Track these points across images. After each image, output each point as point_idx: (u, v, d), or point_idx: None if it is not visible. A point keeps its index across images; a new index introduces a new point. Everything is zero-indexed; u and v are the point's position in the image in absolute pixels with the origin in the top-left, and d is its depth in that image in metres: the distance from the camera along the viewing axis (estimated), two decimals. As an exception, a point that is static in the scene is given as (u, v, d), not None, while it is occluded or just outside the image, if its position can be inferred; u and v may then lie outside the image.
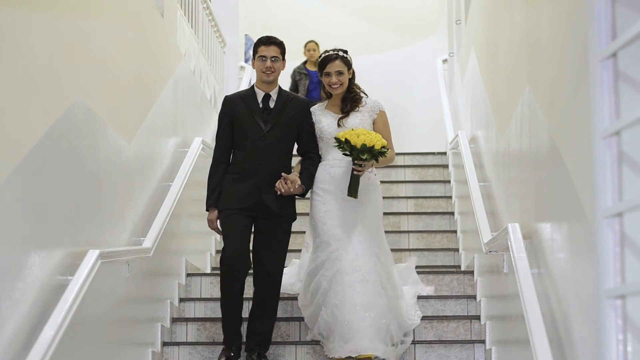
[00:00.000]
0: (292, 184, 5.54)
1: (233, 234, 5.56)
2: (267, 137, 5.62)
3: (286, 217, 5.69)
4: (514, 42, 5.13)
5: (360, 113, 5.76)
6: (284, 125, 5.66)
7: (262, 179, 5.58)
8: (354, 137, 5.39)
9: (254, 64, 5.74)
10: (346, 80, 5.75)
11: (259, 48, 5.70)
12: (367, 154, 5.40)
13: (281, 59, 5.73)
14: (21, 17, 4.04)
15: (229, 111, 5.72)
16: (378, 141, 5.42)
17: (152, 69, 6.65)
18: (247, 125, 5.64)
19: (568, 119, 3.54)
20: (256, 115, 5.65)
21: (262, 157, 5.61)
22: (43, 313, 4.10)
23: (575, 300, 3.45)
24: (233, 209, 5.59)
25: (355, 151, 5.41)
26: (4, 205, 3.75)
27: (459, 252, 7.82)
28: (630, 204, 2.43)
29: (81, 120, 4.81)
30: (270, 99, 5.70)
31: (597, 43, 2.60)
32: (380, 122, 5.79)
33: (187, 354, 6.14)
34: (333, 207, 5.67)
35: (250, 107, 5.67)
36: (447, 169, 9.34)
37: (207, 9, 9.12)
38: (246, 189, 5.58)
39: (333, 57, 5.74)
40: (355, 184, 5.55)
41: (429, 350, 5.99)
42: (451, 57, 10.41)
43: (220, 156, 5.73)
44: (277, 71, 5.70)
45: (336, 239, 5.61)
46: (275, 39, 5.77)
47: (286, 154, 5.72)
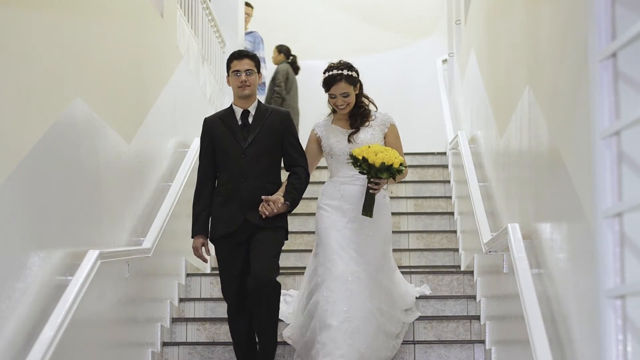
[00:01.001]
0: (275, 204, 5.29)
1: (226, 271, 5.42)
2: (246, 154, 5.39)
3: (276, 228, 5.40)
4: (514, 42, 5.13)
5: (371, 128, 5.57)
6: (264, 140, 5.42)
7: (245, 198, 5.35)
8: (372, 155, 5.20)
9: (229, 81, 5.53)
10: (353, 100, 5.57)
11: (231, 63, 5.48)
12: (385, 173, 5.22)
13: (256, 72, 5.48)
14: (21, 17, 4.04)
15: (208, 134, 5.53)
16: (396, 159, 5.24)
17: (152, 69, 6.65)
18: (227, 145, 5.43)
19: (568, 119, 3.54)
20: (235, 134, 5.44)
21: (243, 175, 5.37)
22: (43, 313, 4.10)
23: (575, 300, 3.45)
24: (222, 237, 5.41)
25: (373, 170, 5.22)
26: (4, 205, 3.75)
27: (459, 252, 7.82)
28: (630, 204, 2.43)
29: (81, 120, 4.81)
30: (249, 115, 5.49)
31: (597, 43, 2.60)
32: (391, 136, 5.60)
33: (187, 354, 6.14)
34: (340, 223, 5.46)
35: (230, 126, 5.46)
36: (447, 169, 9.35)
37: (207, 9, 9.12)
38: (231, 212, 5.37)
39: (337, 78, 5.53)
40: (371, 202, 5.35)
41: (429, 350, 5.99)
42: (451, 57, 10.41)
43: (203, 180, 5.52)
44: (253, 85, 5.46)
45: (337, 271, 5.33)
46: (247, 52, 5.55)
47: (270, 170, 5.46)
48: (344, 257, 5.37)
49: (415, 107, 12.58)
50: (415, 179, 9.30)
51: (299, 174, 5.46)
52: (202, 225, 5.44)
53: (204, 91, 8.76)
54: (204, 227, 5.44)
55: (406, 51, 13.03)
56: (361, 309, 5.30)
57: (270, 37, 12.02)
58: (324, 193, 5.60)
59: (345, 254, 5.38)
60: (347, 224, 5.46)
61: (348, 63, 5.59)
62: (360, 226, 5.45)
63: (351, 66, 5.58)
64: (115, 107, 5.55)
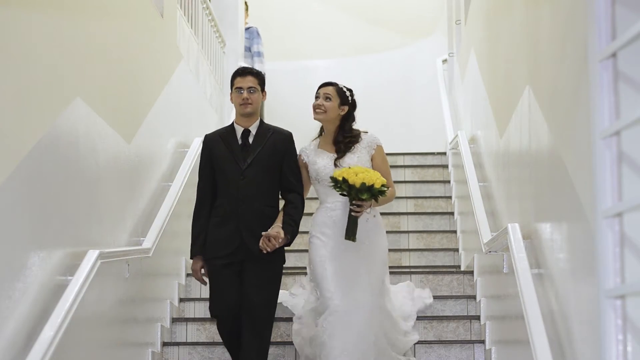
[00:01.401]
0: (276, 240, 5.12)
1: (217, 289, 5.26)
2: (245, 176, 5.24)
3: (274, 260, 5.25)
4: (514, 42, 5.13)
5: (357, 151, 5.39)
6: (264, 162, 5.27)
7: (243, 221, 5.20)
8: (352, 176, 5.03)
9: (232, 98, 5.37)
10: (332, 111, 5.38)
11: (235, 80, 5.34)
12: (366, 194, 5.04)
13: (260, 90, 5.33)
14: (21, 17, 4.04)
15: (208, 151, 5.37)
16: (378, 179, 5.07)
17: (152, 69, 6.65)
18: (226, 165, 5.28)
19: (568, 119, 3.54)
20: (235, 154, 5.28)
21: (242, 197, 5.22)
22: (43, 313, 4.10)
23: (575, 300, 3.45)
24: (217, 257, 5.25)
25: (354, 191, 5.04)
26: (4, 205, 3.75)
27: (459, 252, 7.82)
28: (630, 204, 2.43)
29: (81, 120, 4.81)
30: (249, 135, 5.33)
31: (597, 43, 2.60)
32: (378, 158, 5.42)
33: (187, 354, 6.14)
34: (335, 251, 5.26)
35: (230, 146, 5.31)
36: (447, 169, 9.34)
37: (206, 9, 9.12)
38: (228, 234, 5.22)
39: (329, 83, 5.47)
40: (353, 226, 5.15)
41: (429, 350, 5.99)
42: (451, 57, 10.40)
43: (202, 199, 5.36)
44: (256, 103, 5.30)
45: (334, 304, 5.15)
46: (251, 70, 5.41)
47: (269, 193, 5.30)
48: (341, 288, 5.18)
49: (415, 107, 12.57)
50: (415, 179, 9.30)
51: (295, 204, 5.29)
52: (200, 246, 5.31)
53: (204, 91, 8.76)
54: (203, 248, 5.31)
55: (406, 51, 13.03)
56: (362, 342, 5.16)
57: (270, 37, 12.02)
58: (315, 221, 5.41)
59: (342, 285, 5.19)
60: (344, 251, 5.25)
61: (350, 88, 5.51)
62: (357, 251, 5.25)
63: (351, 90, 5.49)
64: (115, 107, 5.55)
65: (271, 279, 5.23)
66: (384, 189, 5.10)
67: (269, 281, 5.21)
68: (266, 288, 5.18)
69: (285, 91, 12.21)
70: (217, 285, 5.25)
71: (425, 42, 12.97)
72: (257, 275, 5.18)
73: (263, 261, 5.18)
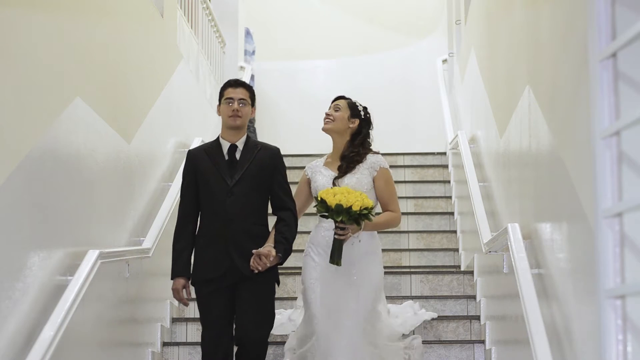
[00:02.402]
0: (267, 258, 4.77)
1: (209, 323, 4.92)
2: (233, 193, 4.89)
3: (266, 280, 4.91)
4: (514, 42, 5.13)
5: (358, 171, 5.12)
6: (252, 178, 4.94)
7: (233, 241, 4.84)
8: (330, 197, 4.78)
9: (220, 109, 5.04)
10: (341, 121, 5.17)
11: (225, 91, 5.03)
12: (343, 216, 4.75)
13: (249, 104, 5.02)
14: (22, 17, 4.04)
15: (192, 168, 5.01)
16: (357, 202, 4.74)
17: (152, 69, 6.65)
18: (212, 182, 4.94)
19: (568, 119, 3.54)
20: (221, 170, 4.95)
21: (230, 216, 4.86)
22: (43, 313, 4.10)
23: (575, 300, 3.45)
24: (205, 281, 4.90)
25: (330, 212, 4.79)
26: (4, 205, 3.75)
27: (459, 252, 7.82)
28: (630, 204, 2.43)
29: (81, 120, 4.81)
30: (236, 150, 4.99)
31: (597, 43, 2.60)
32: (381, 180, 5.11)
33: (187, 354, 6.14)
34: (326, 274, 5.01)
35: (215, 161, 4.97)
36: (447, 169, 9.35)
37: (206, 9, 9.12)
38: (216, 255, 4.86)
39: (340, 96, 5.31)
40: (337, 250, 4.87)
41: (429, 350, 5.99)
42: (451, 57, 10.41)
43: (185, 217, 5.00)
44: (245, 116, 4.99)
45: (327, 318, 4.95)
46: (243, 82, 5.10)
47: (258, 210, 4.97)
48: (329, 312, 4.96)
49: (415, 107, 12.58)
50: (415, 179, 9.30)
51: (287, 221, 4.96)
52: (183, 265, 4.95)
53: (204, 91, 8.76)
54: (186, 267, 4.95)
55: (406, 51, 13.03)
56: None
57: (269, 38, 12.03)
58: (311, 239, 5.18)
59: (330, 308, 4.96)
60: (334, 273, 4.99)
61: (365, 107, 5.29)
62: (348, 274, 5.00)
63: (365, 108, 5.27)
64: (115, 107, 5.55)
65: (266, 306, 4.90)
66: (365, 212, 4.78)
67: (264, 311, 4.88)
68: (262, 322, 4.86)
69: (285, 91, 12.21)
70: (207, 310, 4.93)
71: (425, 42, 12.98)
72: (252, 306, 4.85)
73: (256, 283, 4.85)
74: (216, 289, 4.86)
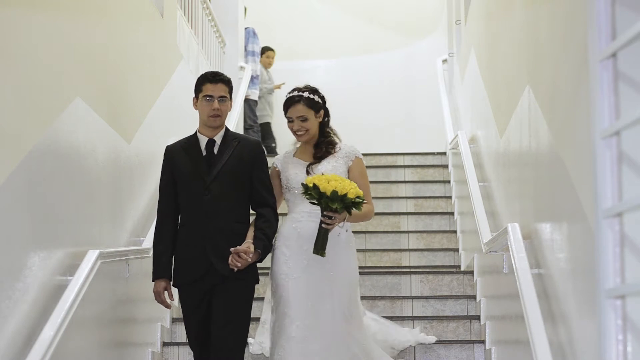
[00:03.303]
0: (247, 255, 4.56)
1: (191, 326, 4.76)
2: (211, 190, 4.68)
3: (246, 281, 4.71)
4: (514, 42, 5.13)
5: (333, 159, 4.87)
6: (230, 174, 4.73)
7: (210, 241, 4.65)
8: (324, 183, 4.55)
9: (196, 104, 4.81)
10: (313, 126, 4.87)
11: (203, 86, 4.78)
12: (338, 203, 4.53)
13: (229, 99, 4.80)
14: (22, 17, 4.04)
15: (169, 165, 4.82)
16: (352, 190, 4.56)
17: (152, 69, 6.65)
18: (189, 179, 4.74)
19: (568, 119, 3.54)
20: (198, 166, 4.74)
21: (207, 214, 4.67)
22: (43, 313, 4.10)
23: (575, 300, 3.45)
24: (182, 284, 4.74)
25: (324, 199, 4.55)
26: (4, 205, 3.75)
27: (459, 252, 7.82)
28: (630, 204, 2.43)
29: (81, 120, 4.81)
30: (214, 145, 4.79)
31: (597, 43, 2.60)
32: (356, 171, 4.88)
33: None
34: (298, 269, 4.75)
35: (193, 158, 4.77)
36: (447, 169, 9.35)
37: (206, 9, 9.12)
38: (194, 257, 4.68)
39: (295, 99, 4.88)
40: (323, 239, 4.63)
41: (429, 350, 5.99)
42: (451, 57, 10.41)
43: (164, 216, 4.82)
44: (225, 114, 4.79)
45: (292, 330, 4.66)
46: (223, 76, 4.85)
47: (238, 208, 4.75)
48: (302, 310, 4.69)
49: (415, 107, 12.58)
50: (415, 179, 9.31)
51: (267, 217, 4.75)
52: (164, 267, 4.76)
53: (204, 91, 8.75)
54: (167, 269, 4.75)
55: (406, 51, 13.03)
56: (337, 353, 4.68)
57: (269, 38, 12.02)
58: (280, 232, 4.88)
59: (303, 305, 4.70)
60: (306, 268, 4.75)
61: (314, 88, 4.96)
62: (322, 268, 4.74)
63: (316, 90, 4.94)
64: (115, 107, 5.55)
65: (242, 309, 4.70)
66: (358, 200, 4.59)
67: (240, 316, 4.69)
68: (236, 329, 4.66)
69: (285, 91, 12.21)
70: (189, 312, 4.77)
71: (425, 42, 12.98)
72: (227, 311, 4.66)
73: (234, 285, 4.66)
74: (199, 293, 4.69)
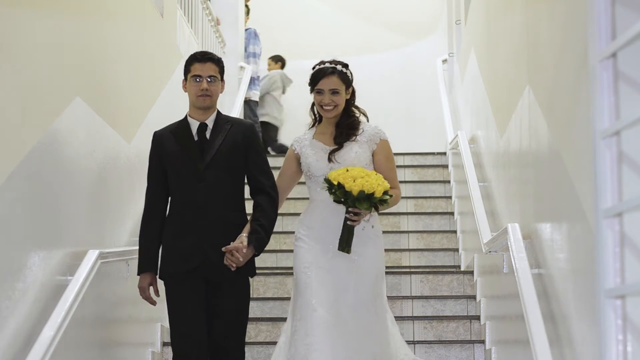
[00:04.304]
0: (240, 252, 4.31)
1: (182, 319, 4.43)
2: (204, 177, 4.42)
3: (241, 276, 4.46)
4: (514, 42, 5.13)
5: (356, 144, 4.54)
6: (225, 159, 4.45)
7: (206, 232, 4.39)
8: (349, 181, 4.25)
9: (185, 86, 4.56)
10: (342, 102, 4.56)
11: (191, 66, 4.52)
12: (365, 203, 4.28)
13: (219, 79, 4.55)
14: (22, 17, 4.04)
15: (157, 151, 4.55)
16: (379, 185, 4.28)
17: (152, 69, 6.65)
18: (180, 166, 4.46)
19: (568, 119, 3.54)
20: (190, 152, 4.46)
21: (201, 203, 4.40)
22: (43, 313, 4.10)
23: (575, 300, 3.45)
24: (174, 275, 4.44)
25: (350, 199, 4.28)
26: (4, 205, 3.75)
27: (459, 252, 7.82)
28: (630, 204, 2.43)
29: (81, 120, 4.81)
30: (206, 129, 4.51)
31: (597, 43, 2.60)
32: (381, 154, 4.57)
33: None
34: (323, 259, 4.46)
35: (183, 143, 4.50)
36: (447, 169, 9.35)
37: (206, 9, 9.12)
38: (188, 247, 4.40)
39: (329, 71, 4.55)
40: (348, 236, 4.38)
41: (429, 350, 5.99)
42: (451, 57, 10.41)
43: (151, 207, 4.56)
44: (215, 95, 4.52)
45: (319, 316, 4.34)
46: (212, 55, 4.60)
47: (234, 195, 4.49)
48: (327, 299, 4.38)
49: (415, 107, 12.59)
50: (415, 179, 9.31)
51: (263, 207, 4.47)
52: (150, 261, 4.50)
53: (204, 91, 8.76)
54: (153, 263, 4.50)
55: (406, 51, 13.04)
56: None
57: (269, 38, 12.02)
58: (302, 221, 4.62)
59: (328, 296, 4.40)
60: (331, 259, 4.46)
61: (345, 62, 4.68)
62: (347, 260, 4.44)
63: (347, 65, 4.66)
64: (115, 107, 5.55)
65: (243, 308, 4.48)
66: (386, 197, 4.32)
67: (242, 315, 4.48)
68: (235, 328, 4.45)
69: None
70: (177, 307, 4.46)
71: (425, 42, 12.98)
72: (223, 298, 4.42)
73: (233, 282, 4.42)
74: (190, 285, 4.40)
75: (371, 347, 4.42)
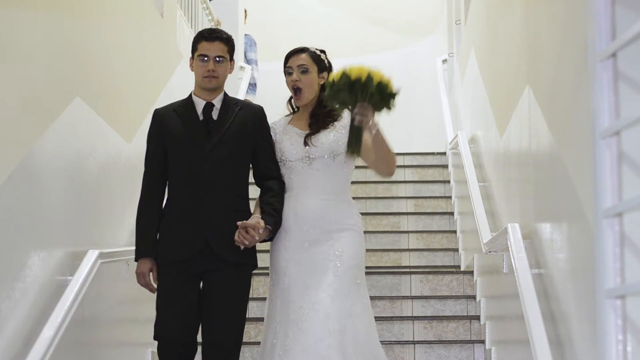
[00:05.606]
0: (255, 231, 4.04)
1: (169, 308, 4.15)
2: (210, 159, 4.17)
3: (244, 266, 4.20)
4: (514, 42, 5.14)
5: (334, 129, 4.27)
6: (232, 142, 4.21)
7: (208, 217, 4.13)
8: (354, 70, 3.97)
9: (192, 64, 4.32)
10: (313, 83, 4.31)
11: (199, 44, 4.27)
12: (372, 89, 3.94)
13: (228, 60, 4.29)
14: (21, 17, 4.04)
15: (158, 130, 4.29)
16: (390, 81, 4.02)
17: (152, 69, 6.65)
18: (184, 146, 4.21)
19: (568, 119, 3.54)
20: (195, 132, 4.21)
21: (205, 186, 4.15)
22: (43, 313, 4.10)
23: (575, 300, 3.45)
24: (171, 263, 4.17)
25: (357, 85, 3.92)
26: (4, 205, 3.75)
27: (459, 252, 7.82)
28: (630, 204, 2.43)
29: (81, 120, 4.81)
30: (213, 109, 4.26)
31: (596, 43, 2.60)
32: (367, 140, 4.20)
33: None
34: (299, 253, 4.16)
35: (188, 122, 4.24)
36: (446, 169, 9.35)
37: (206, 9, 9.12)
38: (187, 234, 4.14)
39: (299, 49, 4.44)
40: (357, 137, 4.00)
41: (429, 350, 5.99)
42: (451, 57, 10.42)
43: (150, 189, 4.31)
44: (222, 76, 4.27)
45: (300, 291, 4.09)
46: (221, 33, 4.31)
47: (239, 180, 4.25)
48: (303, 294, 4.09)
49: (415, 107, 12.59)
50: (415, 179, 9.30)
51: (275, 191, 4.23)
52: (149, 245, 4.21)
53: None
54: (152, 247, 4.20)
55: (406, 51, 13.04)
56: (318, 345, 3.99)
57: (269, 38, 12.02)
58: None
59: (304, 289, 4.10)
60: (309, 249, 4.16)
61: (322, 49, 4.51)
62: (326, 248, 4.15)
63: (324, 51, 4.49)
64: (115, 107, 5.55)
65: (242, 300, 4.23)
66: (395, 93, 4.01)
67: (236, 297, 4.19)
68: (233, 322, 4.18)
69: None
70: (169, 298, 4.17)
71: (425, 42, 12.99)
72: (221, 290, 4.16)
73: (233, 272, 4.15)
74: (187, 276, 4.15)
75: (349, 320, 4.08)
